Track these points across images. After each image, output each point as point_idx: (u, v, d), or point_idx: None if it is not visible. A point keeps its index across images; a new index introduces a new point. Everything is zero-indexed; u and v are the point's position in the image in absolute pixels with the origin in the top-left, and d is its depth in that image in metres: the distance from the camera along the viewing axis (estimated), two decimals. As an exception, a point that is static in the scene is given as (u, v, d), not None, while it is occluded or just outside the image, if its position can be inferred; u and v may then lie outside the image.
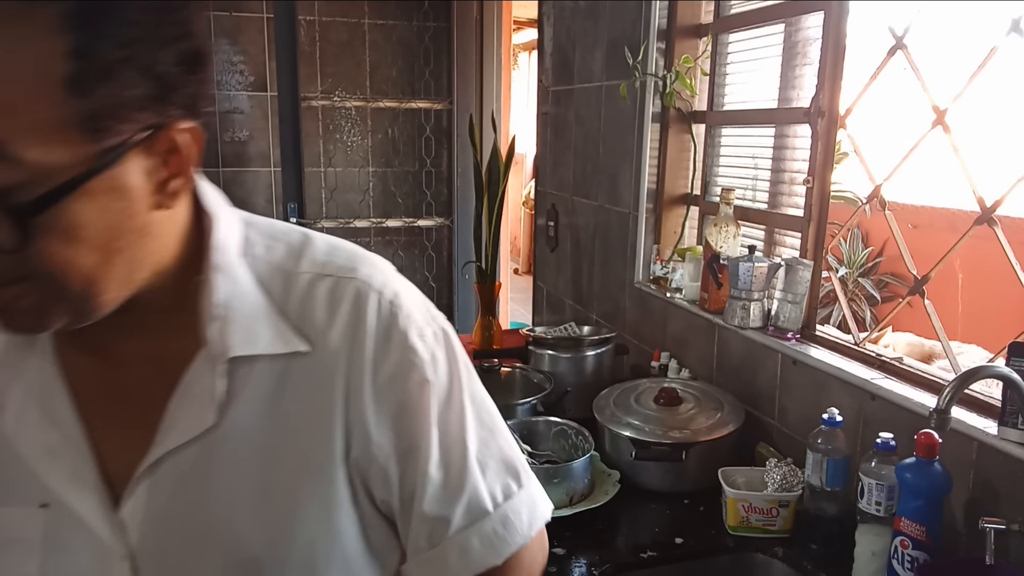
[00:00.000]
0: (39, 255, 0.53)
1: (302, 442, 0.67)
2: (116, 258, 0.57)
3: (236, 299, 0.65)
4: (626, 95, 2.23)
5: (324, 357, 0.66)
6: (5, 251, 0.52)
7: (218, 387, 0.64)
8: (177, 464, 0.65)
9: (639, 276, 2.32)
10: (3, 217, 0.51)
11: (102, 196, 0.55)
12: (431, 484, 0.69)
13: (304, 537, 0.68)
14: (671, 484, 1.58)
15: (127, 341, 0.66)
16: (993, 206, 1.35)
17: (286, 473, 0.67)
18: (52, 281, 0.55)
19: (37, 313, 0.56)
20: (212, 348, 0.64)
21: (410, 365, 0.68)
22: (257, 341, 0.65)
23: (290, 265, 0.69)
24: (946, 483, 1.16)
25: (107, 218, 0.56)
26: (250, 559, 0.66)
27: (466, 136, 3.73)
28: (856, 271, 4.63)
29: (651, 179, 2.27)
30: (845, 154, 2.98)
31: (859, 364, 1.52)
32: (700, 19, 2.19)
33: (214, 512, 0.66)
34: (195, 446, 0.65)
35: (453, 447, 0.71)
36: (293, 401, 0.66)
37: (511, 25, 4.20)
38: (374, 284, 0.69)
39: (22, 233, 0.52)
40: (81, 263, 0.55)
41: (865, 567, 1.26)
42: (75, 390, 0.66)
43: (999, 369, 1.16)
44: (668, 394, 1.70)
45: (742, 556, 1.41)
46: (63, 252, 0.54)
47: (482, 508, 0.72)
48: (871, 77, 1.61)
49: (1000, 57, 1.35)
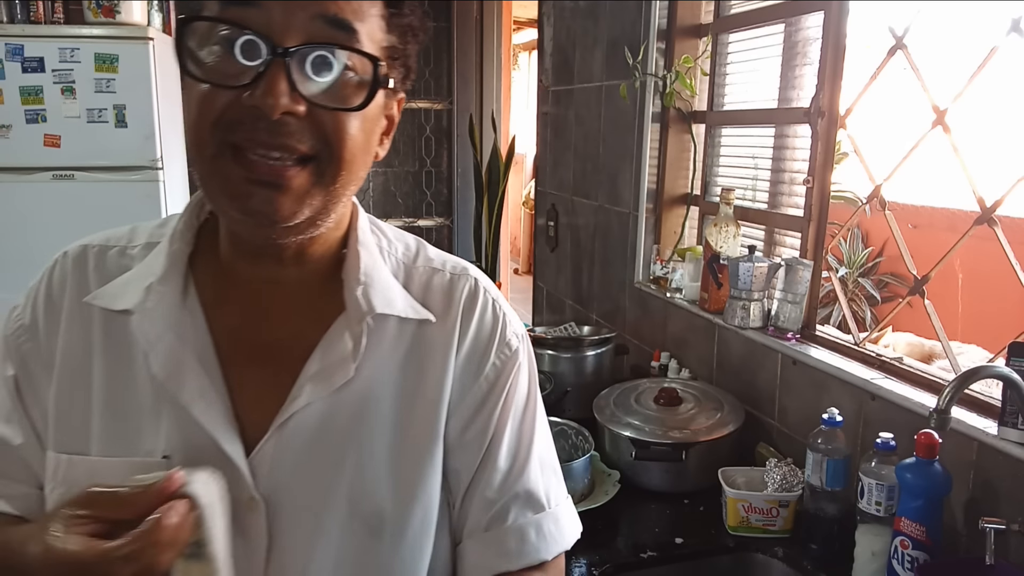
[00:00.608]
0: (343, 127, 0.63)
1: (424, 407, 0.74)
2: (362, 168, 0.68)
3: (375, 271, 0.74)
4: (626, 95, 2.23)
5: (444, 332, 0.75)
6: (347, 109, 0.63)
7: (357, 342, 0.71)
8: (309, 417, 0.70)
9: (639, 276, 2.32)
10: (359, 85, 0.64)
11: (375, 110, 0.67)
12: (498, 471, 0.76)
13: (424, 498, 0.74)
14: (671, 484, 1.58)
15: (282, 298, 0.73)
16: (993, 206, 1.35)
17: (413, 435, 0.73)
18: (330, 159, 0.64)
19: (297, 198, 0.63)
20: (355, 308, 0.71)
21: (507, 359, 0.78)
22: (394, 304, 0.74)
23: (408, 261, 0.79)
24: (946, 483, 1.16)
25: (370, 128, 0.67)
26: (374, 514, 0.72)
27: (466, 136, 3.73)
28: (856, 271, 4.63)
29: (651, 179, 2.27)
30: (845, 154, 2.98)
31: (859, 364, 1.52)
32: (700, 19, 2.19)
33: (342, 466, 0.71)
34: (328, 401, 0.70)
35: (523, 441, 0.78)
36: (418, 366, 0.74)
37: (511, 25, 4.21)
38: (482, 283, 0.80)
39: (366, 101, 0.64)
40: (356, 148, 0.65)
41: (865, 567, 1.26)
42: (218, 345, 0.72)
43: (999, 369, 1.16)
44: (668, 394, 1.70)
45: (742, 556, 1.41)
46: (355, 132, 0.65)
47: (539, 503, 0.78)
48: (871, 77, 1.61)
49: (1000, 57, 1.35)
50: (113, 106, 2.84)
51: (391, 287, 0.75)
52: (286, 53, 0.60)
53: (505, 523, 0.76)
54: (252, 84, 0.60)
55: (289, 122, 0.61)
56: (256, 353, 0.72)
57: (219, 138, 0.62)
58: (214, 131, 0.62)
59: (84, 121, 2.82)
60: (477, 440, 0.76)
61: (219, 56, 0.61)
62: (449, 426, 0.75)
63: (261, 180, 0.62)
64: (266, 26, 0.60)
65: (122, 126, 2.85)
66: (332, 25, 0.62)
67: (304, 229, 0.67)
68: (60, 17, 2.92)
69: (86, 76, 2.80)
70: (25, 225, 2.83)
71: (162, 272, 0.71)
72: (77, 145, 2.83)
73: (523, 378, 0.79)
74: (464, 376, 0.76)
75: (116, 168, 2.86)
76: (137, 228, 0.79)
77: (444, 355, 0.75)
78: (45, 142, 2.82)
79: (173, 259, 0.72)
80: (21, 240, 2.83)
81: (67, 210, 2.82)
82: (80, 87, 2.80)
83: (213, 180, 0.64)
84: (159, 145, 2.89)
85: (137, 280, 0.72)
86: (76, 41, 2.79)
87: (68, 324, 0.73)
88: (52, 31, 2.81)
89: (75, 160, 2.84)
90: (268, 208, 0.63)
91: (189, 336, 0.71)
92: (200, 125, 0.62)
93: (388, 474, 0.72)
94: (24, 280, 0.78)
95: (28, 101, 2.79)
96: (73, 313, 0.73)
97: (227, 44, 0.61)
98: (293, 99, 0.60)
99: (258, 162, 0.62)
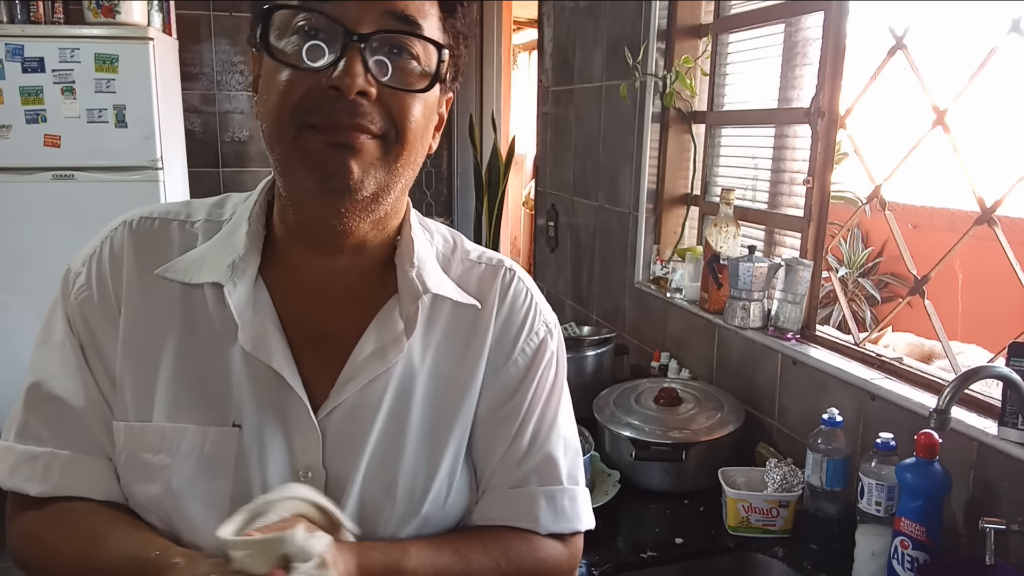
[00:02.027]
0: (408, 109, 0.69)
1: (457, 387, 0.80)
2: (419, 154, 0.73)
3: (426, 257, 0.80)
4: (626, 95, 2.23)
5: (481, 318, 0.81)
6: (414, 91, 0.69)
7: (410, 321, 0.76)
8: (359, 393, 0.75)
9: (639, 276, 2.32)
10: (422, 75, 0.70)
11: (432, 100, 0.73)
12: (521, 448, 0.82)
13: (450, 473, 0.79)
14: (671, 484, 1.58)
15: (337, 288, 0.77)
16: (993, 206, 1.35)
17: (446, 413, 0.79)
18: (396, 139, 0.69)
19: (366, 165, 0.69)
20: (410, 288, 0.77)
21: (538, 345, 0.83)
22: (444, 287, 0.79)
23: (448, 252, 0.85)
24: (946, 483, 1.16)
25: (429, 115, 0.73)
26: (395, 484, 0.76)
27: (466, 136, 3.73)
28: (856, 271, 4.63)
29: (651, 179, 2.27)
30: (845, 154, 2.98)
31: (859, 364, 1.52)
32: (700, 19, 2.19)
33: (373, 438, 0.75)
34: (375, 381, 0.75)
35: (546, 422, 0.83)
36: (455, 348, 0.80)
37: (511, 25, 4.20)
38: (517, 272, 0.86)
39: (431, 83, 0.70)
40: (418, 130, 0.71)
41: (865, 567, 1.26)
42: (283, 327, 0.76)
43: (999, 369, 1.16)
44: (668, 394, 1.70)
45: (742, 556, 1.41)
46: (418, 115, 0.71)
47: (556, 477, 0.83)
48: (871, 77, 1.61)
49: (1000, 57, 1.35)
50: (113, 106, 2.83)
51: (439, 273, 0.81)
52: (362, 39, 0.66)
53: (522, 488, 0.81)
54: (330, 67, 0.66)
55: (363, 103, 0.67)
56: (311, 337, 0.76)
57: (298, 120, 0.67)
58: (293, 115, 0.67)
59: (84, 121, 2.82)
60: (506, 421, 0.81)
61: (297, 44, 0.67)
62: (479, 406, 0.81)
63: (338, 142, 0.67)
64: (342, 16, 0.66)
65: (122, 126, 2.85)
66: (400, 20, 0.68)
67: (367, 206, 0.71)
68: (60, 17, 2.92)
69: (86, 76, 2.80)
70: (25, 225, 2.83)
71: (244, 251, 0.75)
72: (77, 145, 2.83)
73: (552, 364, 0.85)
74: (496, 359, 0.81)
75: (116, 168, 2.86)
76: (192, 203, 0.83)
77: (482, 339, 0.81)
78: (45, 142, 2.82)
79: (253, 239, 0.76)
80: (21, 240, 2.83)
81: (67, 210, 2.82)
82: (80, 87, 2.80)
83: (294, 156, 0.69)
84: (159, 145, 2.89)
85: (214, 256, 0.76)
86: (76, 41, 2.79)
87: (130, 293, 0.76)
88: (52, 31, 2.80)
89: (75, 160, 2.84)
90: (342, 171, 0.68)
91: (265, 313, 0.75)
92: (281, 110, 0.67)
93: (414, 448, 0.77)
94: (24, 280, 0.79)
95: (28, 101, 2.78)
96: (135, 283, 0.76)
97: (305, 35, 0.67)
98: (367, 81, 0.66)
99: (336, 130, 0.67)
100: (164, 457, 0.72)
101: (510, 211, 4.86)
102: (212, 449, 0.72)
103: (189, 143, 3.44)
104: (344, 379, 0.75)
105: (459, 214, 4.00)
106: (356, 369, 0.75)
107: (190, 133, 3.49)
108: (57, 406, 0.75)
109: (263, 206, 0.79)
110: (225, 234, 0.78)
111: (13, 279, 2.82)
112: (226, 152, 3.61)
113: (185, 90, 3.40)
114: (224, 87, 3.56)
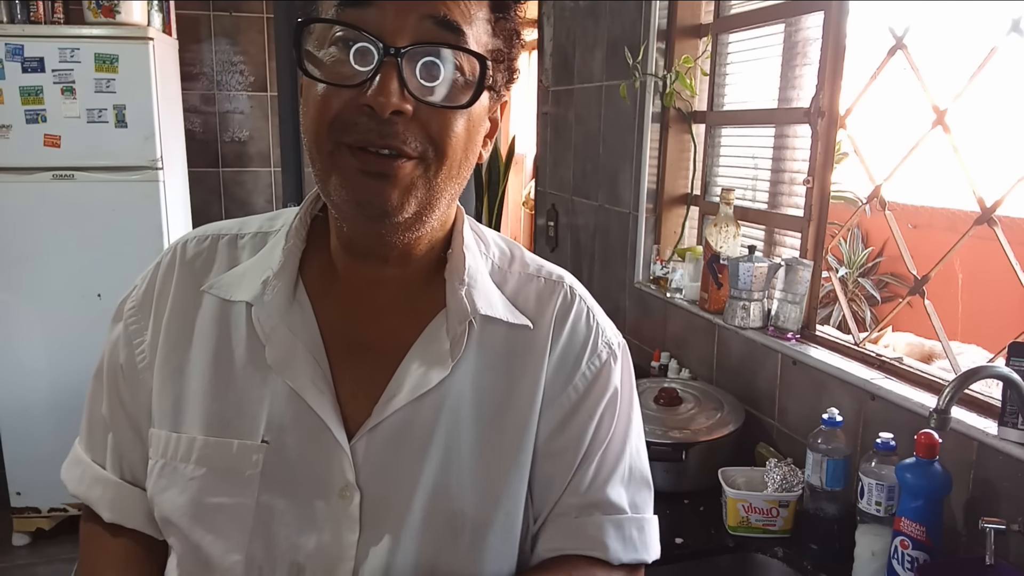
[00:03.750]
0: (449, 126, 0.66)
1: (514, 412, 0.75)
2: (465, 167, 0.70)
3: (478, 273, 0.76)
4: (626, 95, 2.23)
5: (538, 338, 0.77)
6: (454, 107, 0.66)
7: (457, 341, 0.73)
8: (403, 412, 0.72)
9: (639, 276, 2.32)
10: (465, 86, 0.66)
11: (479, 111, 0.69)
12: (585, 480, 0.77)
13: (508, 503, 0.74)
14: (671, 484, 1.58)
15: (383, 297, 0.75)
16: (993, 206, 1.35)
17: (501, 439, 0.74)
18: (435, 157, 0.66)
19: (405, 189, 0.66)
20: (458, 307, 0.74)
21: (599, 368, 0.78)
22: (495, 307, 0.76)
23: (504, 265, 0.81)
24: (946, 483, 1.16)
25: (475, 128, 0.69)
26: (455, 513, 0.73)
27: (466, 136, 3.73)
28: (856, 271, 4.63)
29: (651, 179, 2.27)
30: (845, 154, 2.98)
31: (859, 364, 1.52)
32: (700, 19, 2.19)
33: (428, 462, 0.72)
34: (421, 401, 0.72)
35: (611, 451, 0.78)
36: (510, 371, 0.75)
37: (511, 25, 4.19)
38: (577, 291, 0.81)
39: (472, 99, 0.66)
40: (459, 146, 0.67)
41: (865, 567, 1.26)
42: (324, 339, 0.74)
43: (999, 369, 1.16)
44: (668, 394, 1.70)
45: (742, 556, 1.41)
46: (460, 131, 0.67)
47: (620, 508, 0.78)
48: (871, 77, 1.61)
49: (1000, 57, 1.35)
50: (113, 106, 2.83)
51: (492, 291, 0.77)
52: (398, 53, 0.63)
53: (589, 517, 0.77)
54: (366, 83, 0.63)
55: (398, 122, 0.64)
56: (354, 349, 0.75)
57: (335, 138, 0.65)
58: (330, 131, 0.65)
59: (84, 121, 2.82)
60: (569, 449, 0.77)
61: (335, 58, 0.65)
62: (539, 432, 0.76)
63: (372, 171, 0.65)
64: (378, 26, 0.63)
65: (122, 126, 2.85)
66: (441, 26, 0.65)
67: (411, 226, 0.69)
68: (60, 17, 2.91)
69: (86, 76, 2.79)
70: (25, 225, 2.82)
71: (278, 267, 0.74)
72: (77, 145, 2.82)
73: (622, 382, 0.80)
74: (555, 383, 0.76)
75: (116, 168, 2.86)
76: (248, 219, 0.83)
77: (538, 361, 0.76)
78: (45, 142, 2.81)
79: (288, 255, 0.75)
80: (21, 240, 2.82)
81: (67, 210, 2.82)
82: (80, 87, 2.80)
83: (331, 175, 0.67)
84: (159, 145, 2.88)
85: (253, 272, 0.76)
86: (76, 41, 2.78)
87: (174, 307, 0.77)
88: (52, 31, 2.80)
89: (75, 160, 2.83)
90: (379, 199, 0.66)
91: (299, 329, 0.74)
92: (319, 125, 0.65)
93: (471, 475, 0.73)
94: (24, 280, 0.80)
95: (28, 101, 2.78)
96: (179, 297, 0.77)
97: (343, 46, 0.64)
98: (403, 98, 0.63)
99: (370, 156, 0.65)
100: (195, 468, 0.73)
101: (510, 211, 4.86)
102: (239, 463, 0.72)
103: (189, 143, 3.44)
104: (387, 396, 0.72)
105: (459, 214, 4.00)
106: (399, 387, 0.72)
107: (190, 133, 3.49)
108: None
109: (304, 220, 0.78)
110: (268, 249, 0.78)
111: (13, 279, 2.82)
112: (226, 152, 3.60)
113: (185, 90, 3.40)
114: (224, 87, 3.56)
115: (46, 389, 2.84)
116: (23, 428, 2.84)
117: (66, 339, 2.81)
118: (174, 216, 3.01)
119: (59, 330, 2.81)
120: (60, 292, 2.80)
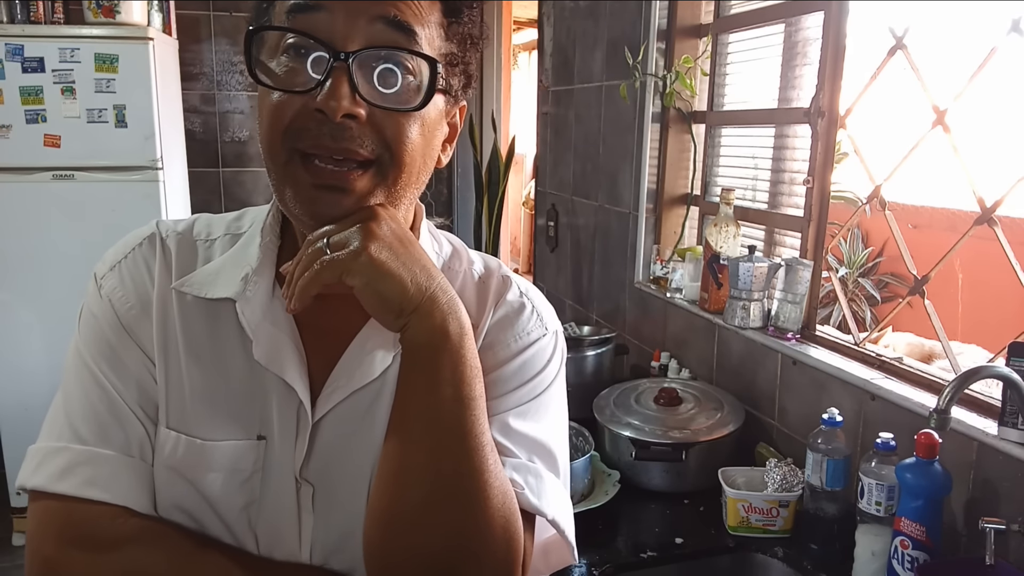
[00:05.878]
0: (403, 130, 0.66)
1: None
2: (423, 172, 0.71)
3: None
4: (626, 95, 2.23)
5: (477, 329, 0.76)
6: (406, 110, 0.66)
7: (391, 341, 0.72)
8: (347, 405, 0.73)
9: (639, 276, 2.32)
10: (418, 89, 0.66)
11: (433, 113, 0.69)
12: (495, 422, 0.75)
13: None
14: (671, 484, 1.58)
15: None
16: (993, 206, 1.35)
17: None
18: (391, 162, 0.66)
19: (360, 199, 0.66)
20: None
21: (533, 340, 0.80)
22: None
23: (455, 265, 0.82)
24: (946, 483, 1.16)
25: (430, 132, 0.69)
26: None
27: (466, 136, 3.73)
28: (856, 271, 4.63)
29: (651, 179, 2.27)
30: (845, 154, 2.98)
31: (859, 364, 1.52)
32: (700, 19, 2.19)
33: (372, 451, 0.72)
34: (370, 388, 0.73)
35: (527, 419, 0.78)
36: None
37: (511, 25, 4.21)
38: (513, 279, 0.83)
39: (424, 101, 0.66)
40: (415, 150, 0.68)
41: (865, 567, 1.26)
42: (301, 332, 0.75)
43: (999, 369, 1.16)
44: (668, 394, 1.70)
45: (742, 556, 1.41)
46: (415, 135, 0.67)
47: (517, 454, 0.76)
48: (871, 77, 1.61)
49: (1000, 57, 1.35)
50: (113, 106, 2.83)
51: None
52: (348, 57, 0.63)
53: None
54: (316, 89, 0.63)
55: (351, 126, 0.64)
56: (318, 340, 0.75)
57: (288, 146, 0.65)
58: (284, 139, 0.65)
59: (84, 121, 2.82)
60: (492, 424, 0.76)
61: (287, 66, 0.65)
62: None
63: (326, 185, 0.65)
64: (328, 32, 0.63)
65: (122, 126, 2.85)
66: (393, 27, 0.64)
67: None
68: (60, 17, 2.91)
69: (86, 76, 2.80)
70: (25, 225, 2.82)
71: (257, 263, 0.74)
72: (77, 145, 2.83)
73: (546, 360, 0.81)
74: (487, 362, 0.76)
75: (116, 168, 2.86)
76: (212, 219, 0.82)
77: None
78: (45, 142, 2.81)
79: (266, 251, 0.75)
80: (21, 240, 2.83)
81: (67, 210, 2.82)
82: (80, 87, 2.80)
83: (285, 186, 0.67)
84: (159, 145, 2.89)
85: (230, 269, 0.75)
86: (76, 41, 2.78)
87: (157, 307, 0.75)
88: (52, 31, 2.80)
89: (75, 160, 2.83)
90: (334, 211, 0.66)
91: (281, 323, 0.74)
92: (272, 133, 0.65)
93: None
94: (24, 280, 0.79)
95: (28, 101, 2.78)
96: (159, 297, 0.75)
97: (294, 53, 0.64)
98: (354, 101, 0.63)
99: (323, 169, 0.65)
100: (195, 470, 0.72)
101: (510, 211, 4.86)
102: (240, 463, 0.72)
103: (189, 143, 3.44)
104: (331, 385, 0.73)
105: (459, 214, 4.00)
106: (342, 375, 0.73)
107: (190, 133, 3.49)
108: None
109: (276, 216, 0.77)
110: (241, 247, 0.77)
111: (13, 279, 2.82)
112: (226, 152, 3.60)
113: (185, 90, 3.40)
114: (224, 87, 3.56)
115: (46, 389, 2.84)
116: (23, 428, 2.84)
117: (66, 339, 2.79)
118: (174, 216, 3.00)
119: (59, 330, 2.81)
120: (60, 292, 2.80)
